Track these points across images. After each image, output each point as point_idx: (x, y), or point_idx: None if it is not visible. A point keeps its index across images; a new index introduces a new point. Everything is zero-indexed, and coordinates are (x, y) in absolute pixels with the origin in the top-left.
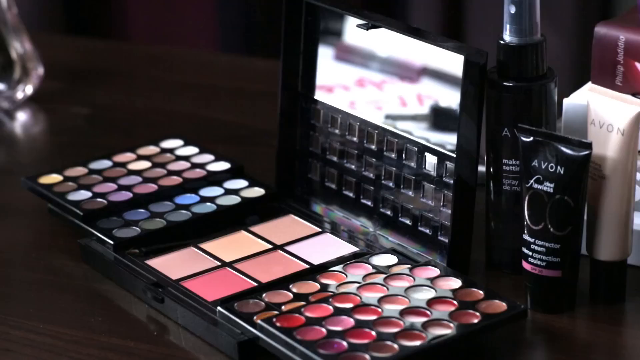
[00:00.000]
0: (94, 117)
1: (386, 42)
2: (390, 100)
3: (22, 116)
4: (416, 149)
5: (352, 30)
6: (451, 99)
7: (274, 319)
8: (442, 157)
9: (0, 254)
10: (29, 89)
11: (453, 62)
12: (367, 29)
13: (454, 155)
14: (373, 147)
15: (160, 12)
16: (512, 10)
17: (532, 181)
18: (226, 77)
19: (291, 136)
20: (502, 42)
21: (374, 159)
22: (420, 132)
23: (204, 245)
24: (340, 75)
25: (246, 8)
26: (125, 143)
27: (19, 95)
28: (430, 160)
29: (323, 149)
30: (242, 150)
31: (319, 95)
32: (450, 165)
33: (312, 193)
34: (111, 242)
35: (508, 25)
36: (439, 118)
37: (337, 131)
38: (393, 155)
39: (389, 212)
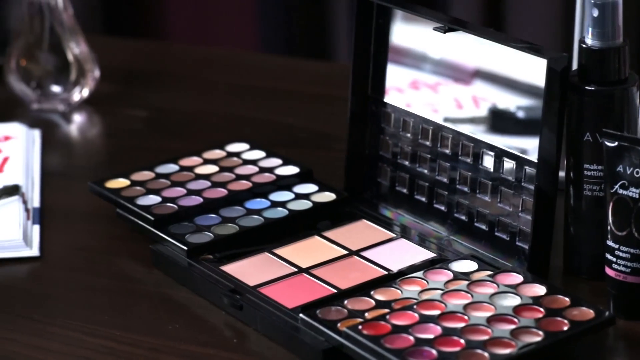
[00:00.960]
0: (152, 119)
1: (439, 43)
2: (446, 103)
3: (78, 119)
4: (493, 153)
5: (403, 31)
6: (509, 100)
7: (360, 327)
8: (520, 162)
9: (69, 260)
10: (85, 92)
11: (522, 65)
12: (445, 32)
13: (535, 161)
14: (447, 151)
15: (198, 11)
16: (595, 13)
17: (616, 187)
18: (280, 79)
19: (360, 140)
20: (584, 45)
21: (448, 163)
22: (480, 135)
23: (278, 251)
24: (393, 77)
25: (286, 9)
26: (185, 146)
27: (75, 97)
28: (508, 165)
29: (393, 153)
30: (304, 154)
31: (388, 99)
32: (529, 170)
33: (381, 197)
34: (184, 247)
35: (590, 29)
36: (499, 120)
37: (408, 135)
38: (469, 160)
39: (463, 217)
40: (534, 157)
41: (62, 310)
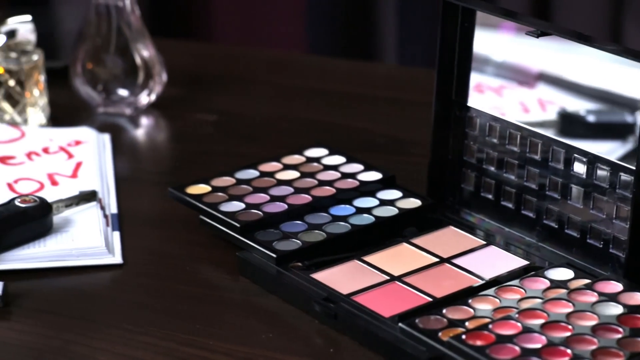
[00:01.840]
0: (221, 123)
1: (501, 45)
2: (512, 106)
3: (145, 123)
4: (586, 159)
5: None
6: (576, 104)
7: (463, 336)
8: (616, 169)
9: (152, 268)
10: (152, 95)
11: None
12: (537, 36)
13: (633, 168)
14: (536, 157)
15: (245, 12)
16: None
17: None
18: (349, 83)
19: (444, 145)
20: None
21: (537, 169)
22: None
23: (367, 258)
24: None
25: (334, 10)
26: (257, 151)
27: (142, 101)
28: (601, 171)
29: (478, 159)
30: (379, 159)
31: (472, 103)
32: (625, 177)
33: (464, 203)
34: (273, 255)
35: None
36: (568, 124)
37: (495, 140)
38: (559, 166)
39: (553, 224)
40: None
41: (151, 319)
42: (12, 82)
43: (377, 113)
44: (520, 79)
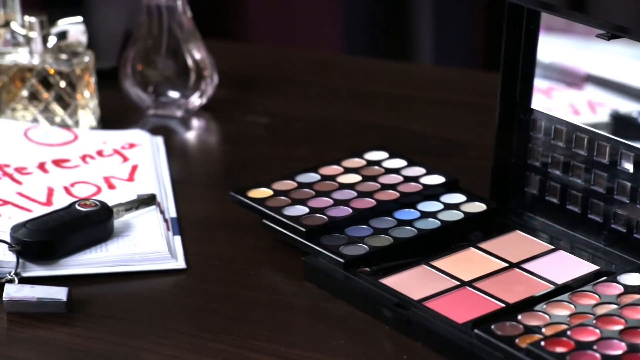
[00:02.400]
0: (273, 126)
1: (548, 47)
2: (561, 108)
3: (196, 125)
4: None
5: None
6: (628, 106)
7: (542, 343)
8: None
9: (216, 272)
10: (203, 97)
11: None
12: (608, 39)
13: None
14: (604, 160)
15: (280, 13)
16: None
17: None
18: (394, 84)
19: (507, 148)
20: None
21: (604, 173)
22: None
23: (436, 263)
24: None
25: (370, 9)
26: (311, 154)
27: (194, 103)
28: None
29: (543, 162)
30: (436, 162)
31: (536, 105)
32: None
33: (527, 207)
34: (341, 260)
35: None
36: (620, 126)
37: (560, 143)
38: (629, 169)
39: (621, 228)
40: None
41: (220, 325)
42: (63, 84)
43: (428, 115)
44: (568, 80)
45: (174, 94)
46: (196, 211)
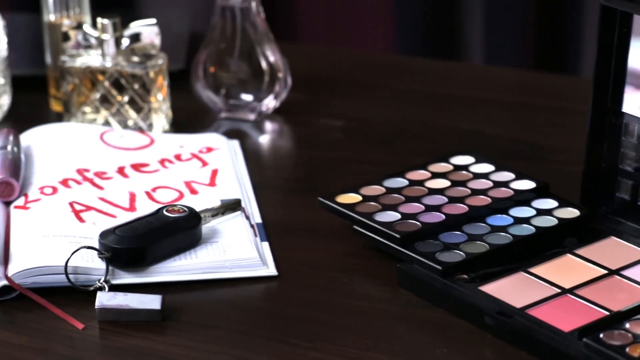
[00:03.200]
0: (349, 129)
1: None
2: (632, 110)
3: (269, 128)
4: None
5: None
6: None
7: None
8: None
9: (309, 279)
10: (277, 100)
11: None
12: None
13: None
14: None
15: (330, 12)
16: None
17: None
18: (467, 87)
19: (598, 153)
20: None
21: None
22: None
23: (534, 270)
24: None
25: (421, 9)
26: (389, 157)
27: (267, 106)
28: None
29: (635, 167)
30: (520, 166)
31: (627, 110)
32: None
33: (618, 212)
34: (438, 267)
35: None
36: None
37: None
38: None
39: None
40: None
41: (318, 333)
42: (136, 87)
43: (505, 117)
44: (636, 82)
45: (246, 97)
46: (280, 216)
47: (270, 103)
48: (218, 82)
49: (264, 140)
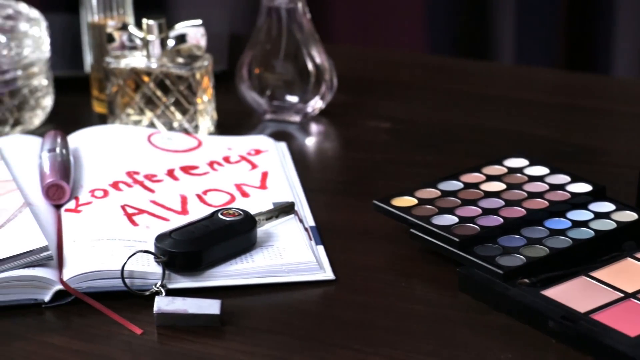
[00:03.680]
0: (396, 131)
1: None
2: None
3: (315, 130)
4: None
5: None
6: None
7: None
8: None
9: (367, 283)
10: (323, 102)
11: None
12: None
13: None
14: None
15: (361, 12)
16: None
17: None
18: (508, 87)
19: None
20: None
21: None
22: None
23: (595, 274)
24: None
25: (452, 8)
26: (438, 159)
27: (312, 108)
28: None
29: None
30: (572, 169)
31: None
32: None
33: None
34: (500, 271)
35: None
36: None
37: None
38: None
39: None
40: None
41: (380, 338)
42: (182, 88)
43: (549, 119)
44: None
45: (291, 99)
46: (331, 219)
47: (316, 104)
48: (263, 84)
49: (310, 142)
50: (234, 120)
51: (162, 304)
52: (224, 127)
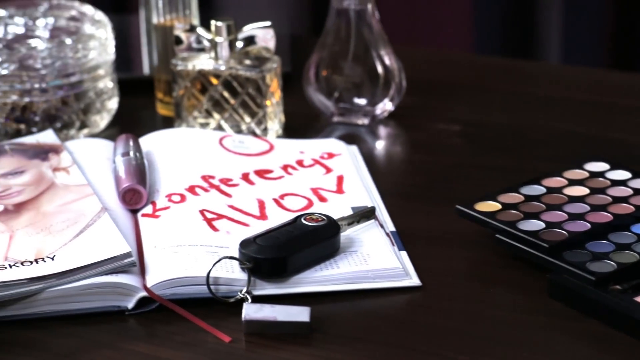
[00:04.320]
0: (467, 134)
1: None
2: None
3: (384, 133)
4: None
5: None
6: None
7: None
8: None
9: (453, 289)
10: (390, 104)
11: None
12: None
13: None
14: None
15: (410, 13)
16: None
17: None
18: (574, 89)
19: None
20: None
21: None
22: None
23: None
24: None
25: (499, 8)
26: (511, 163)
27: (382, 110)
28: None
29: None
30: None
31: None
32: None
33: None
34: (592, 277)
35: None
36: None
37: None
38: None
39: None
40: None
41: (472, 346)
42: (250, 90)
43: (623, 121)
44: None
45: (360, 101)
46: (411, 224)
47: (385, 107)
48: (331, 86)
49: (380, 145)
50: (300, 122)
51: (251, 311)
52: (291, 129)
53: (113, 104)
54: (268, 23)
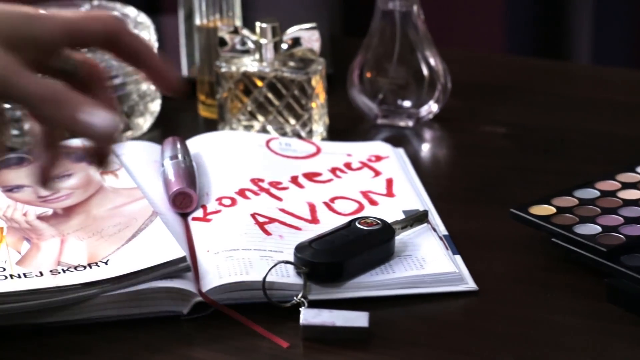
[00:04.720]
0: (513, 136)
1: None
2: None
3: (429, 136)
4: None
5: None
6: None
7: None
8: None
9: (511, 295)
10: (437, 106)
11: None
12: None
13: None
14: None
15: (442, 13)
16: None
17: None
18: (617, 91)
19: None
20: None
21: None
22: None
23: None
24: None
25: (531, 9)
26: (559, 166)
27: (428, 112)
28: None
29: None
30: None
31: None
32: None
33: None
34: None
35: None
36: None
37: None
38: None
39: None
40: None
41: (534, 352)
42: (295, 93)
43: None
44: None
45: (404, 103)
46: (463, 227)
47: (431, 109)
48: (375, 88)
49: (425, 147)
50: (344, 125)
51: (309, 316)
52: (335, 132)
53: (155, 106)
54: (313, 24)
